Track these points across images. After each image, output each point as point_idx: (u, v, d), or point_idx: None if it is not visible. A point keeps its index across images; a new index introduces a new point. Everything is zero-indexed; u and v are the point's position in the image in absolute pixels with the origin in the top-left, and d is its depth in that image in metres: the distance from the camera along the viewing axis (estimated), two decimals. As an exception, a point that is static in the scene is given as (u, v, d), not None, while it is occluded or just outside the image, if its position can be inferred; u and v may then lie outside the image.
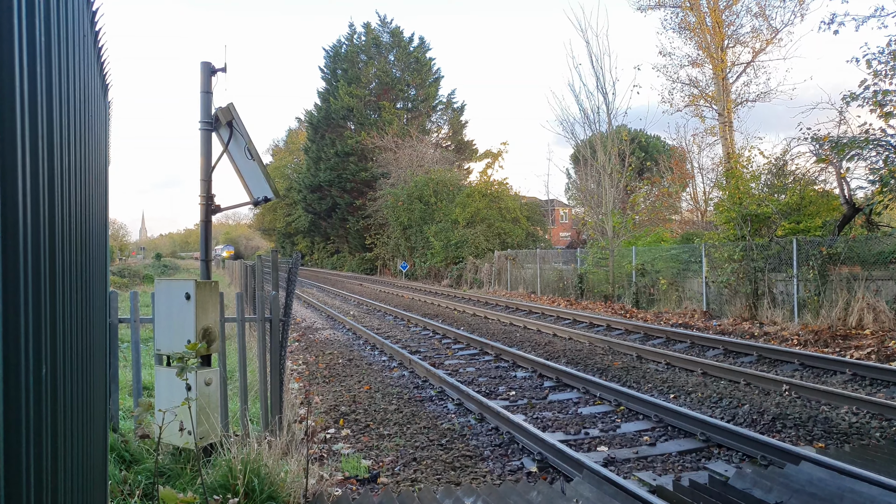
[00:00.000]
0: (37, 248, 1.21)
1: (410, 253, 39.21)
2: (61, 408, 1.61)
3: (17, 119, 1.04)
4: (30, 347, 1.12)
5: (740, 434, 5.88)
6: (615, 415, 7.26)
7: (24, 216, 1.08)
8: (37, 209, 1.21)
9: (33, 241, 1.16)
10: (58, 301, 1.57)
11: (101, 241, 3.45)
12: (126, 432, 5.60)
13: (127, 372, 8.02)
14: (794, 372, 9.36)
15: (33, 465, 1.15)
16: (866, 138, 12.72)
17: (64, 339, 1.70)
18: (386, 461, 5.86)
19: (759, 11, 26.44)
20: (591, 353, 11.40)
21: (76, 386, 2.05)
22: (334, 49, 53.93)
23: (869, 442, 6.12)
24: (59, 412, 1.55)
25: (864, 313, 12.15)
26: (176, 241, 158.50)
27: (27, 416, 1.09)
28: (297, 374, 9.97)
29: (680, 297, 17.71)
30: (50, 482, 1.37)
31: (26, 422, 1.09)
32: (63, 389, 1.66)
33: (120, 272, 39.16)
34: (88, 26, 2.59)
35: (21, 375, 1.05)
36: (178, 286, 5.27)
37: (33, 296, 1.17)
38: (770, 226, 15.87)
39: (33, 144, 1.18)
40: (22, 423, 1.05)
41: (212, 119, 6.31)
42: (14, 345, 1.02)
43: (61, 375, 1.62)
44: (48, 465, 1.35)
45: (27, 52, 1.12)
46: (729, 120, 26.88)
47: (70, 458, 1.85)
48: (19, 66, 1.06)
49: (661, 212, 29.83)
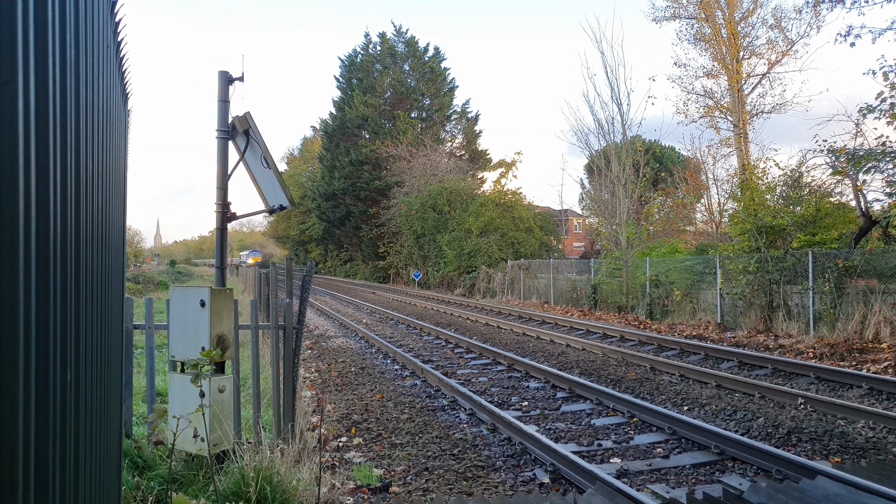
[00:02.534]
0: (65, 255, 1.24)
1: (423, 262, 39.24)
2: (83, 413, 1.64)
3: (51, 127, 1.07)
4: (58, 352, 1.14)
5: (755, 447, 5.81)
6: (628, 426, 7.20)
7: (54, 223, 1.10)
8: (66, 216, 1.24)
9: (62, 248, 1.19)
10: (82, 307, 1.60)
11: (119, 247, 3.49)
12: (139, 438, 5.64)
13: (141, 378, 8.09)
14: (810, 385, 9.24)
15: (59, 471, 1.17)
16: (883, 150, 12.60)
17: (87, 344, 1.72)
18: (398, 470, 5.86)
19: (774, 23, 26.38)
20: (605, 364, 11.33)
21: (96, 391, 2.08)
22: (350, 58, 54.36)
23: (886, 457, 6.03)
24: (81, 417, 1.57)
25: (881, 327, 11.98)
26: (190, 248, 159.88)
27: (54, 422, 1.11)
28: (309, 381, 9.99)
29: (694, 309, 17.57)
30: (72, 488, 1.39)
31: (53, 427, 1.11)
32: (85, 395, 1.68)
33: (135, 278, 39.54)
34: (111, 37, 2.64)
35: (49, 381, 1.07)
36: (193, 293, 5.32)
37: (61, 302, 1.19)
38: (785, 238, 15.72)
39: (63, 153, 1.21)
40: (49, 428, 1.07)
41: (229, 127, 6.39)
42: (44, 350, 1.04)
43: (83, 381, 1.65)
44: (71, 471, 1.37)
45: (59, 63, 1.15)
46: (744, 131, 26.74)
47: (89, 464, 1.88)
48: (52, 77, 1.09)
49: (676, 223, 29.66)
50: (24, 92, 0.88)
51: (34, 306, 0.95)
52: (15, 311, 0.85)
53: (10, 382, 0.84)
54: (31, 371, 0.94)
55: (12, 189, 0.83)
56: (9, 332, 0.83)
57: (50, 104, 1.06)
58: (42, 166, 1.00)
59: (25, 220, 0.89)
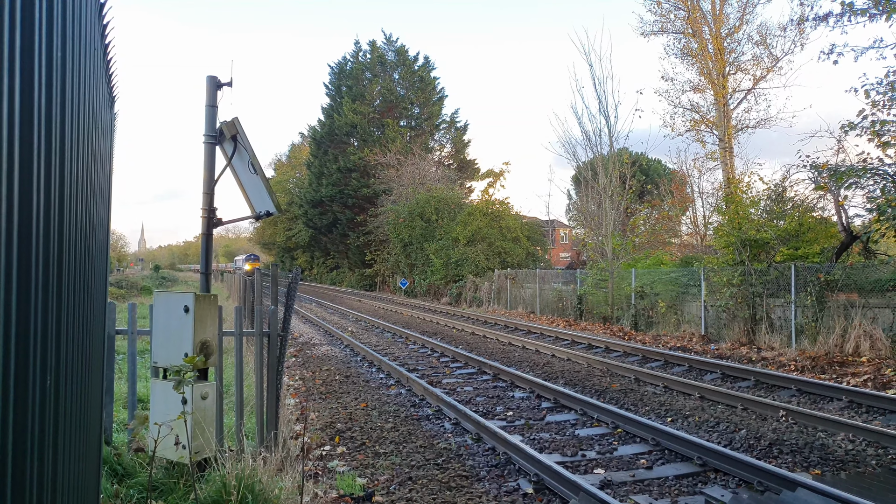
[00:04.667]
0: (47, 257, 1.23)
1: (410, 270, 39.20)
2: (62, 419, 1.61)
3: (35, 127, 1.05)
4: (37, 356, 1.12)
5: (737, 459, 5.84)
6: (612, 437, 7.22)
7: (36, 225, 1.09)
8: (48, 218, 1.23)
9: (44, 250, 1.18)
10: (63, 310, 1.58)
11: (102, 251, 3.46)
12: (119, 445, 5.57)
13: (122, 384, 7.98)
14: (792, 398, 9.33)
15: (36, 478, 1.14)
16: (864, 167, 12.81)
17: (67, 349, 1.70)
18: (381, 480, 5.82)
19: (760, 40, 26.77)
20: (590, 375, 11.36)
21: (75, 397, 2.05)
22: (339, 66, 54.41)
23: (865, 470, 6.08)
24: (60, 423, 1.55)
25: (861, 340, 12.13)
26: (175, 253, 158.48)
27: (32, 427, 1.09)
28: (293, 389, 9.92)
29: (679, 321, 17.69)
30: (49, 495, 1.36)
31: (31, 432, 1.09)
32: (64, 400, 1.66)
33: (118, 283, 39.11)
34: (99, 39, 2.63)
35: (28, 385, 1.06)
36: (177, 299, 5.27)
37: (42, 305, 1.18)
38: (769, 251, 15.90)
39: (48, 154, 1.20)
40: (27, 434, 1.05)
41: (216, 133, 6.36)
42: (23, 353, 1.02)
43: (63, 386, 1.62)
44: (49, 478, 1.35)
45: (45, 63, 1.14)
46: (729, 145, 27.05)
47: (67, 471, 1.85)
48: (38, 78, 1.08)
49: (661, 235, 29.88)
50: (10, 92, 0.87)
51: (14, 308, 0.93)
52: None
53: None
54: (10, 375, 0.93)
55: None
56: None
57: (35, 105, 1.05)
58: (25, 167, 0.99)
59: (7, 221, 0.88)
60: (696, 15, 27.37)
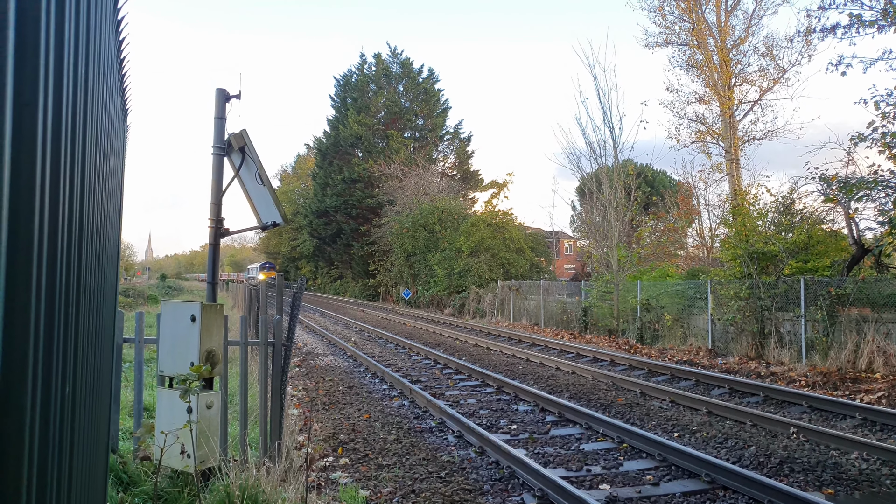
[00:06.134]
0: (69, 270, 1.24)
1: (413, 281, 39.19)
2: (77, 427, 1.62)
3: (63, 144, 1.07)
4: (60, 365, 1.14)
5: (747, 477, 5.78)
6: (618, 452, 7.17)
7: (62, 240, 1.11)
8: (71, 233, 1.25)
9: (67, 264, 1.19)
10: (81, 321, 1.59)
11: (113, 261, 3.48)
12: (125, 453, 5.57)
13: (128, 392, 7.99)
14: (803, 414, 9.22)
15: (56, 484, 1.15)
16: (875, 179, 12.76)
17: (83, 358, 1.71)
18: (384, 492, 5.79)
19: (766, 51, 26.80)
20: (595, 389, 11.30)
21: (88, 406, 2.06)
22: (345, 78, 54.78)
23: (880, 490, 6.01)
24: (75, 431, 1.56)
25: (875, 356, 11.94)
26: (181, 263, 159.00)
27: (54, 435, 1.10)
28: (297, 399, 9.90)
29: (685, 334, 17.59)
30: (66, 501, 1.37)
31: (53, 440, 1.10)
32: (79, 409, 1.67)
33: (125, 292, 39.23)
34: (115, 55, 2.66)
35: (51, 394, 1.07)
36: (183, 308, 5.29)
37: (64, 316, 1.19)
38: (777, 264, 15.82)
39: (71, 171, 1.22)
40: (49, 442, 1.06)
41: (224, 144, 6.40)
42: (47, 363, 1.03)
43: (79, 395, 1.63)
44: (66, 484, 1.35)
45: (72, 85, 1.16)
46: (736, 157, 27.03)
47: (80, 478, 1.86)
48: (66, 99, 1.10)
49: (667, 247, 29.80)
50: (43, 113, 0.89)
51: (42, 321, 0.94)
52: (26, 325, 0.85)
53: (19, 394, 0.84)
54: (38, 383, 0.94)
55: (29, 210, 0.83)
56: (20, 346, 0.83)
57: (63, 125, 1.07)
58: (53, 185, 1.00)
59: (39, 238, 0.89)
60: (701, 27, 27.46)
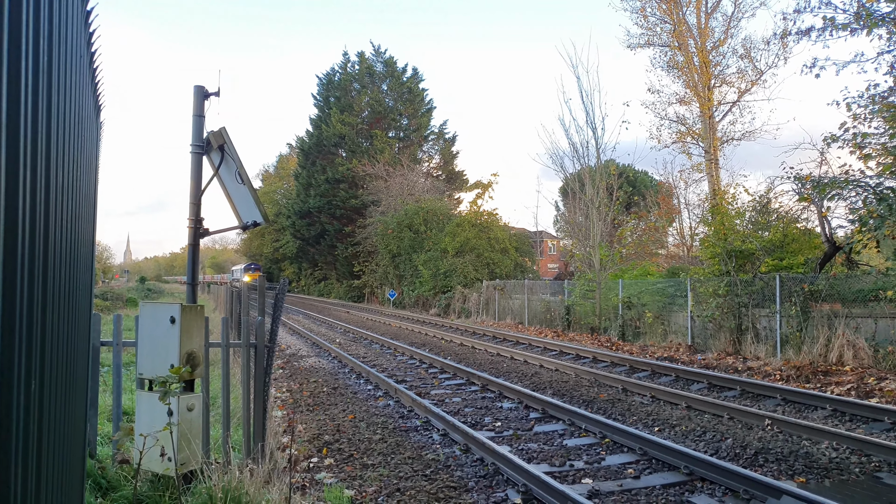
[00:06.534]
0: (33, 267, 1.23)
1: (399, 281, 39.15)
2: (46, 429, 1.60)
3: (21, 136, 1.06)
4: (22, 359, 1.12)
5: (723, 468, 5.88)
6: (600, 447, 7.23)
7: (22, 235, 1.10)
8: (34, 228, 1.23)
9: (30, 260, 1.18)
10: (48, 320, 1.58)
11: (87, 262, 3.44)
12: (103, 458, 5.50)
13: (107, 396, 7.89)
14: (777, 407, 9.39)
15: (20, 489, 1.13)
16: (846, 179, 12.99)
17: (52, 358, 1.69)
18: (369, 491, 5.79)
19: (744, 53, 27.16)
20: (577, 385, 11.38)
21: (60, 408, 2.04)
22: (328, 77, 54.54)
23: (848, 477, 6.14)
24: (44, 433, 1.54)
25: (845, 350, 12.26)
26: (161, 265, 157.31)
27: (16, 431, 1.09)
28: (280, 401, 9.85)
29: (665, 331, 17.78)
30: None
31: (15, 436, 1.08)
32: (49, 411, 1.65)
33: (103, 295, 38.67)
34: (85, 47, 2.64)
35: (13, 385, 1.05)
36: (163, 310, 5.24)
37: (27, 313, 1.18)
38: (754, 262, 16.05)
39: (33, 164, 1.21)
40: (11, 438, 1.05)
41: (203, 142, 6.36)
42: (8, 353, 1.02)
43: (48, 396, 1.62)
44: (33, 490, 1.34)
45: (32, 70, 1.14)
46: (715, 157, 27.36)
47: (51, 483, 1.83)
48: (24, 84, 1.08)
49: (648, 246, 30.09)
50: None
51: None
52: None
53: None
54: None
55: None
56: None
57: (21, 113, 1.06)
58: (11, 177, 0.99)
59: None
60: (681, 28, 27.76)
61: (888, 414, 8.28)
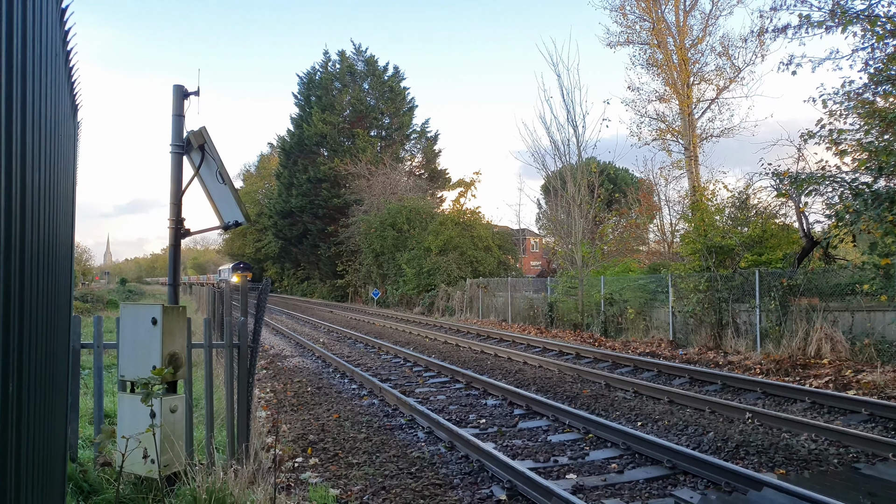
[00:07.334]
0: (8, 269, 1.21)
1: (382, 280, 39.08)
2: (25, 432, 1.58)
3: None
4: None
5: (705, 461, 5.96)
6: (584, 442, 7.29)
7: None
8: (9, 228, 1.22)
9: (4, 261, 1.16)
10: (26, 322, 1.56)
11: (66, 263, 3.40)
12: (85, 462, 5.44)
13: (88, 399, 7.80)
14: (757, 400, 9.53)
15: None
16: (822, 175, 13.18)
17: (30, 360, 1.67)
18: (354, 490, 5.78)
19: (722, 51, 27.46)
20: (561, 381, 11.45)
21: (39, 411, 2.01)
22: (308, 76, 54.21)
23: (827, 468, 6.25)
24: (22, 436, 1.52)
25: (822, 343, 12.48)
26: (142, 266, 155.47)
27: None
28: (264, 402, 9.80)
29: (647, 327, 17.95)
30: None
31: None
32: (27, 413, 1.63)
33: (83, 297, 38.09)
34: (61, 45, 2.60)
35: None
36: (144, 311, 5.19)
37: (3, 314, 1.16)
38: (734, 257, 16.26)
39: (7, 163, 1.19)
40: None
41: (183, 142, 6.30)
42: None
43: (26, 398, 1.60)
44: (11, 493, 1.32)
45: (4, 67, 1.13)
46: (694, 154, 27.64)
47: (30, 488, 1.81)
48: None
49: (629, 242, 30.32)
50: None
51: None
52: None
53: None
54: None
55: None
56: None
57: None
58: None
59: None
60: (660, 26, 28.00)
61: (865, 405, 8.43)
